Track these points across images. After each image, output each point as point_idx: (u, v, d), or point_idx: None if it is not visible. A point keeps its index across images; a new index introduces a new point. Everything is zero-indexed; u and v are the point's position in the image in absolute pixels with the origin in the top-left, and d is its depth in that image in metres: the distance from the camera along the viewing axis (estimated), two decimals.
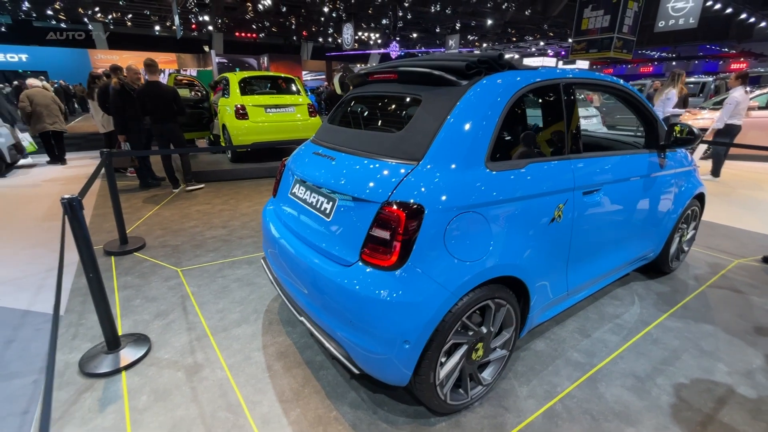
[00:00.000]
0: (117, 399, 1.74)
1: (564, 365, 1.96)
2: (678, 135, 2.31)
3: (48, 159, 7.19)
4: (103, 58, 25.23)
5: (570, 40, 17.39)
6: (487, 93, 1.57)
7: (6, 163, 6.27)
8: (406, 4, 20.41)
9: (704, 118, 7.56)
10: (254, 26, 25.79)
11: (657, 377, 1.89)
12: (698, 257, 3.26)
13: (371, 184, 1.47)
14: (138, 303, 2.54)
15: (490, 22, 22.82)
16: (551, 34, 26.19)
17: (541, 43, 28.44)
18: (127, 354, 2.00)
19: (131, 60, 8.78)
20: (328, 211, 1.62)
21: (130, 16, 22.65)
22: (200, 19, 22.25)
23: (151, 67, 4.50)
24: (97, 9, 20.57)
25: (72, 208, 1.74)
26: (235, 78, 6.28)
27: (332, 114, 2.24)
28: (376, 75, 1.95)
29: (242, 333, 2.21)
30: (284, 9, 21.66)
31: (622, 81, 2.21)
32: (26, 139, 7.66)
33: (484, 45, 30.12)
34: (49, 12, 21.34)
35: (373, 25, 26.01)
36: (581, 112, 6.56)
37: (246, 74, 6.56)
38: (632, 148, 2.50)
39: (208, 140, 8.30)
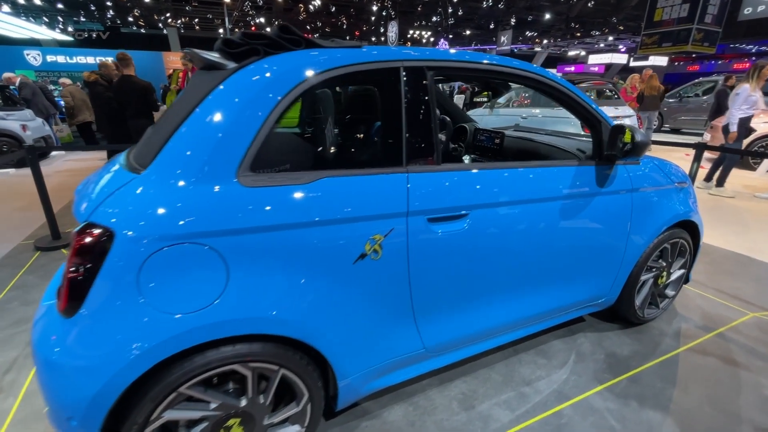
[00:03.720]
0: None
1: None
2: (627, 142, 1.66)
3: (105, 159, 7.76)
4: (174, 60, 27.47)
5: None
6: (251, 81, 1.14)
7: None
8: (455, 0, 19.63)
9: None
10: (308, 27, 26.43)
11: None
12: (700, 303, 2.47)
13: (84, 204, 1.12)
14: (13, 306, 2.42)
15: (548, 16, 21.22)
16: (621, 28, 23.72)
17: (611, 38, 25.89)
18: None
19: None
20: None
21: (197, 20, 24.38)
22: (257, 21, 23.29)
23: (123, 60, 4.51)
24: (168, 15, 22.36)
25: None
26: None
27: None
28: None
29: None
30: (333, 9, 21.91)
31: (535, 66, 1.62)
32: (65, 131, 8.39)
33: (545, 41, 28.19)
34: (130, 19, 23.66)
35: (424, 22, 25.45)
36: (611, 111, 5.61)
37: None
38: (568, 157, 1.88)
39: None
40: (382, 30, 26.76)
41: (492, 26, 25.11)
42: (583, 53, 31.29)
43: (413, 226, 1.30)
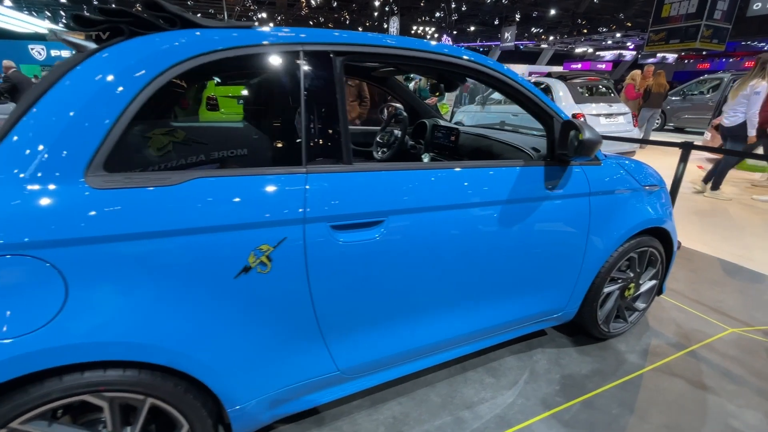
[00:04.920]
0: None
1: None
2: (581, 140, 1.46)
3: None
4: None
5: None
6: (106, 67, 0.97)
7: None
8: None
9: None
10: (311, 22, 26.24)
11: None
12: (676, 316, 2.28)
13: None
14: None
15: (553, 12, 20.83)
16: (629, 24, 23.23)
17: (618, 35, 25.38)
18: None
19: None
20: None
21: (199, 14, 24.33)
22: (260, 16, 23.13)
23: None
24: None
25: None
26: None
27: None
28: None
29: None
30: (335, 4, 21.69)
31: (476, 54, 1.44)
32: None
33: (551, 38, 27.77)
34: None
35: (427, 18, 25.15)
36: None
37: None
38: (520, 156, 1.70)
39: None
40: (385, 26, 26.50)
41: (497, 22, 24.75)
42: (590, 50, 30.78)
43: (312, 235, 1.13)
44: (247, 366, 1.15)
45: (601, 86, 5.95)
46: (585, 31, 25.15)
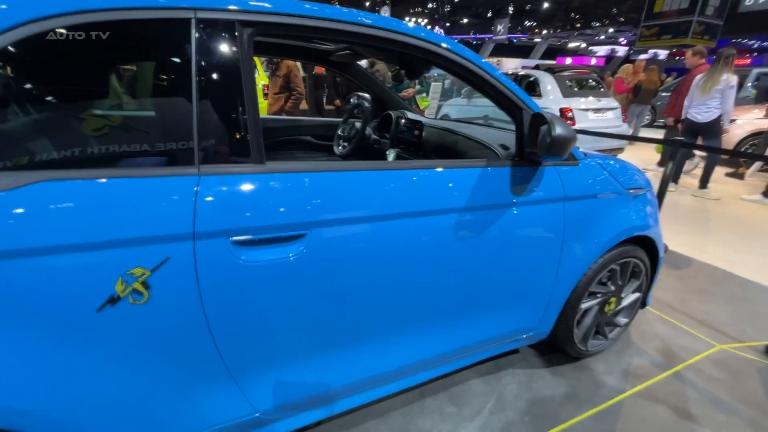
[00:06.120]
0: None
1: None
2: (552, 137, 1.23)
3: None
4: None
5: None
6: None
7: None
8: None
9: None
10: None
11: None
12: (660, 331, 2.09)
13: None
14: None
15: (546, 5, 20.59)
16: (622, 19, 23.07)
17: (611, 30, 25.22)
18: None
19: None
20: None
21: None
22: None
23: None
24: None
25: None
26: None
27: None
28: None
29: None
30: None
31: (427, 30, 1.19)
32: None
33: (544, 32, 27.53)
34: None
35: (419, 9, 24.75)
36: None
37: None
38: (485, 154, 1.47)
39: None
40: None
41: (490, 15, 24.44)
42: (583, 45, 30.62)
43: (206, 254, 0.90)
44: (125, 421, 0.92)
45: (590, 80, 5.75)
46: (578, 25, 24.93)
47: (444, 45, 1.18)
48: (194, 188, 0.88)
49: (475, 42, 29.91)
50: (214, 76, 0.92)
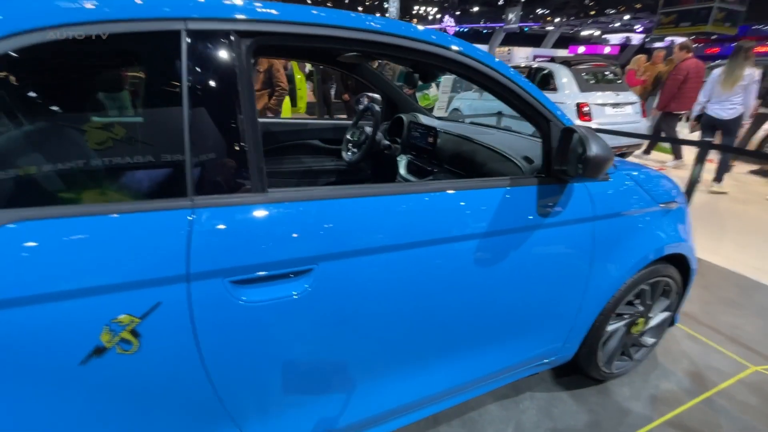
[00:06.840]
0: None
1: None
2: (586, 157, 1.10)
3: None
4: None
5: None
6: None
7: None
8: None
9: None
10: (308, 2, 25.31)
11: None
12: (688, 350, 1.97)
13: None
14: None
15: None
16: (639, 6, 22.34)
17: (626, 17, 24.47)
18: None
19: None
20: None
21: None
22: None
23: None
24: None
25: None
26: None
27: None
28: None
29: None
30: None
31: (439, 33, 1.07)
32: None
33: (557, 20, 26.83)
34: None
35: None
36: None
37: None
38: (507, 169, 1.36)
39: None
40: (385, 5, 25.55)
41: (501, 2, 23.86)
42: (596, 33, 29.80)
43: (203, 296, 0.80)
44: None
45: (608, 72, 5.52)
46: (593, 12, 24.21)
47: (461, 50, 1.06)
48: (187, 223, 0.78)
49: (485, 31, 29.29)
50: (208, 94, 0.81)
